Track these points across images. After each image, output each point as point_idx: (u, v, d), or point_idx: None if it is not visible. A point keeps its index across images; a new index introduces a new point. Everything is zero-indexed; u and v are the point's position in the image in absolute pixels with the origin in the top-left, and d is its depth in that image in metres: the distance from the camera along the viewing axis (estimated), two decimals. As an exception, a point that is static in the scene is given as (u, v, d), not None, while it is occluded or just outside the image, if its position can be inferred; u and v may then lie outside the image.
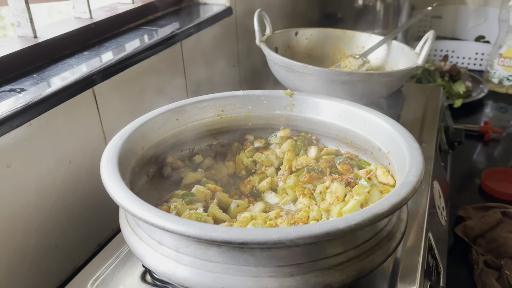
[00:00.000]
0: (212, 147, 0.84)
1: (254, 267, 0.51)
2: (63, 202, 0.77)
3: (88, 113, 0.81)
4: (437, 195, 0.95)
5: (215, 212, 0.66)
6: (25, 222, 0.71)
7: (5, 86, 0.74)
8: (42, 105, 0.71)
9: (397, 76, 0.97)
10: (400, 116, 1.14)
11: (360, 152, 0.79)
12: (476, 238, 1.03)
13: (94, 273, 0.68)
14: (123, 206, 0.53)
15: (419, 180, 0.57)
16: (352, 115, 0.78)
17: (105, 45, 0.95)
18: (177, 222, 0.49)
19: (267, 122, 0.84)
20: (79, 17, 0.98)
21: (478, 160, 1.44)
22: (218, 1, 1.25)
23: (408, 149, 0.64)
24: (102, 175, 0.58)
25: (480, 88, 1.78)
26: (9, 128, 0.66)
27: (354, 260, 0.54)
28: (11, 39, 0.83)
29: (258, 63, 1.24)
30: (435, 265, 0.78)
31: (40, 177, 0.73)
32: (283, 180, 0.78)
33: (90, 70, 0.81)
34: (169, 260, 0.54)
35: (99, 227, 0.87)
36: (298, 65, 0.94)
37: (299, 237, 0.47)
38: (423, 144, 1.02)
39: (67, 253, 0.80)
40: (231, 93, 0.82)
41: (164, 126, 0.76)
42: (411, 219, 0.78)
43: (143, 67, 0.93)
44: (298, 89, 0.98)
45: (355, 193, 0.66)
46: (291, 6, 1.67)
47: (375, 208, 0.51)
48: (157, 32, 1.03)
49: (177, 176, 0.77)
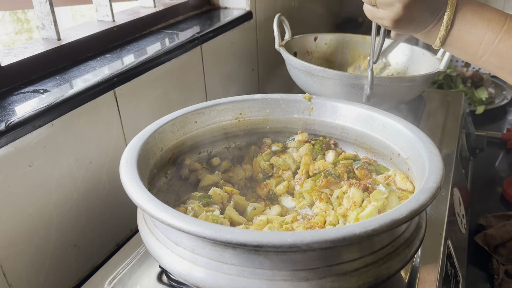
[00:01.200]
0: (230, 150, 0.84)
1: (269, 270, 0.51)
2: (83, 201, 0.79)
3: (109, 114, 0.82)
4: (457, 203, 0.93)
5: (232, 215, 0.66)
6: (46, 220, 0.73)
7: (28, 87, 0.76)
8: (64, 105, 0.72)
9: (418, 81, 0.96)
10: (421, 122, 1.13)
11: (378, 158, 0.78)
12: (497, 247, 1.01)
13: (112, 273, 0.69)
14: (141, 206, 0.53)
15: (439, 187, 0.56)
16: (371, 119, 0.77)
17: (126, 48, 0.96)
18: (193, 223, 0.49)
19: (285, 125, 0.84)
20: (101, 20, 0.99)
21: (500, 168, 1.41)
22: (238, 5, 1.26)
23: (428, 155, 0.63)
24: (121, 175, 0.59)
25: (503, 95, 1.74)
26: (31, 128, 0.67)
27: (370, 266, 0.53)
28: (35, 41, 0.85)
29: (277, 67, 1.24)
30: (454, 273, 0.77)
31: (61, 177, 0.74)
32: (300, 184, 0.77)
33: (112, 72, 0.82)
34: (185, 261, 0.54)
35: (118, 227, 0.88)
36: (318, 69, 0.94)
37: (314, 241, 0.47)
38: (444, 151, 1.00)
39: (85, 252, 0.81)
40: (249, 97, 0.83)
41: (183, 129, 0.76)
42: (430, 226, 0.77)
43: (164, 70, 0.94)
44: (317, 94, 0.98)
45: (372, 199, 0.66)
46: (311, 11, 1.67)
47: (393, 214, 0.50)
48: (178, 36, 1.05)
49: (195, 178, 0.77)
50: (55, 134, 0.72)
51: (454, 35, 0.63)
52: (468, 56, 0.64)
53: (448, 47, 0.65)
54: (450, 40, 0.63)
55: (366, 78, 0.88)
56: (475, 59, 0.63)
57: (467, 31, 0.61)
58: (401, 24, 0.63)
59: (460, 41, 0.63)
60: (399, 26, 0.64)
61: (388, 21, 0.64)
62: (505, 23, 0.59)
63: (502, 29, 0.59)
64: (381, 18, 0.65)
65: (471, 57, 0.63)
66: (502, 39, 0.59)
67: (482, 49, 0.61)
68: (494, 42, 0.60)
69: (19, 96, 0.73)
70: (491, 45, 0.60)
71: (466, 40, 0.62)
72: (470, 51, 0.63)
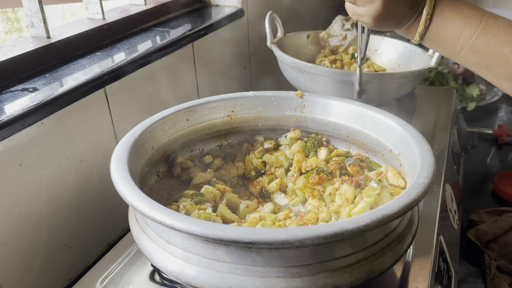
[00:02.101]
0: (222, 147, 0.84)
1: (262, 267, 0.51)
2: (74, 200, 0.78)
3: (100, 112, 0.82)
4: (449, 199, 0.93)
5: (224, 213, 0.66)
6: (36, 219, 0.72)
7: (18, 86, 0.75)
8: (54, 104, 0.71)
9: (409, 77, 0.97)
10: (413, 119, 1.13)
11: (370, 154, 0.78)
12: (488, 243, 1.02)
13: (103, 272, 0.69)
14: (132, 204, 0.53)
15: (430, 182, 0.56)
16: (362, 116, 0.77)
17: (117, 45, 0.95)
18: (184, 220, 0.49)
19: (277, 123, 0.84)
20: (92, 18, 0.99)
21: (492, 164, 1.42)
22: (230, 2, 1.25)
23: (420, 150, 0.63)
24: (112, 173, 0.59)
25: (494, 92, 1.75)
26: (21, 127, 0.66)
27: (363, 262, 0.53)
28: (24, 39, 0.84)
29: (269, 64, 1.24)
30: (446, 269, 0.77)
31: (51, 175, 0.73)
32: (293, 182, 0.77)
33: (102, 70, 0.81)
34: (177, 259, 0.54)
35: (110, 226, 0.87)
36: (308, 66, 0.94)
37: (307, 237, 0.46)
38: (435, 147, 1.01)
39: (77, 251, 0.80)
40: (241, 94, 0.82)
41: (174, 126, 0.76)
42: (422, 222, 0.77)
43: (155, 68, 0.94)
44: (309, 91, 0.98)
45: (365, 195, 0.66)
46: (303, 8, 1.67)
47: (385, 209, 0.50)
48: (169, 33, 1.04)
49: (187, 176, 0.77)
50: (45, 132, 0.71)
51: (433, 30, 0.64)
52: (447, 51, 0.65)
53: (427, 42, 0.66)
54: (429, 35, 0.65)
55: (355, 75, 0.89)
56: (453, 55, 0.64)
57: (446, 27, 0.62)
58: (381, 20, 0.64)
59: (439, 36, 0.64)
60: (379, 23, 0.65)
61: (368, 18, 0.65)
62: (483, 19, 0.61)
63: (480, 25, 0.60)
64: (361, 16, 0.66)
65: (449, 52, 0.65)
66: (479, 36, 0.60)
67: (460, 44, 0.62)
68: (471, 38, 0.61)
69: (8, 95, 0.72)
70: (468, 41, 0.61)
71: (444, 36, 0.63)
72: (448, 47, 0.64)
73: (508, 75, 0.61)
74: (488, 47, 0.60)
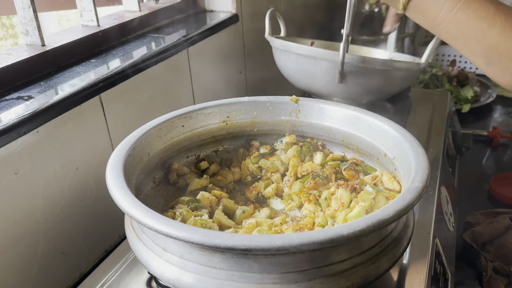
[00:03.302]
0: (218, 153, 0.84)
1: (258, 273, 0.51)
2: (70, 208, 0.78)
3: (95, 120, 0.82)
4: (445, 201, 0.94)
5: (221, 219, 0.66)
6: (33, 228, 0.72)
7: (13, 94, 0.75)
8: (49, 112, 0.71)
9: (393, 66, 0.97)
10: (407, 121, 1.14)
11: (366, 158, 0.79)
12: (484, 244, 1.02)
13: (100, 280, 0.68)
14: (128, 213, 0.53)
15: (425, 186, 0.56)
16: (357, 120, 0.77)
17: (112, 52, 0.96)
18: (180, 228, 0.49)
19: (272, 128, 0.84)
20: (86, 25, 0.99)
21: (487, 165, 1.43)
22: (224, 8, 1.26)
23: (414, 154, 0.63)
24: (108, 181, 0.59)
25: (489, 93, 1.77)
26: (16, 135, 0.66)
27: (359, 267, 0.53)
28: (19, 47, 0.84)
29: (264, 69, 1.25)
30: (442, 271, 0.78)
31: (47, 184, 0.73)
32: (289, 186, 0.78)
33: (97, 77, 0.81)
34: (174, 266, 0.54)
35: (106, 233, 0.87)
36: (294, 46, 0.96)
37: (303, 243, 0.47)
38: (430, 149, 1.01)
39: (74, 259, 0.80)
40: (236, 100, 0.83)
41: (170, 133, 0.76)
42: (418, 225, 0.77)
43: (150, 74, 0.94)
44: (305, 85, 0.98)
45: (360, 199, 0.66)
46: (297, 14, 1.67)
47: (380, 214, 0.50)
48: (163, 40, 1.04)
49: (183, 183, 0.77)
50: (40, 141, 0.71)
51: (416, 0, 0.66)
52: (428, 22, 0.67)
53: (409, 12, 0.69)
54: (412, 5, 0.67)
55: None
56: (434, 26, 0.66)
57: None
58: None
59: (422, 7, 0.66)
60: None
61: None
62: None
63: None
64: None
65: (430, 23, 0.67)
66: (460, 9, 0.62)
67: (441, 16, 0.64)
68: (452, 11, 0.63)
69: (3, 103, 0.72)
70: (449, 13, 0.63)
71: (427, 6, 0.65)
72: (430, 17, 0.66)
73: (483, 51, 0.62)
74: (468, 20, 0.62)
